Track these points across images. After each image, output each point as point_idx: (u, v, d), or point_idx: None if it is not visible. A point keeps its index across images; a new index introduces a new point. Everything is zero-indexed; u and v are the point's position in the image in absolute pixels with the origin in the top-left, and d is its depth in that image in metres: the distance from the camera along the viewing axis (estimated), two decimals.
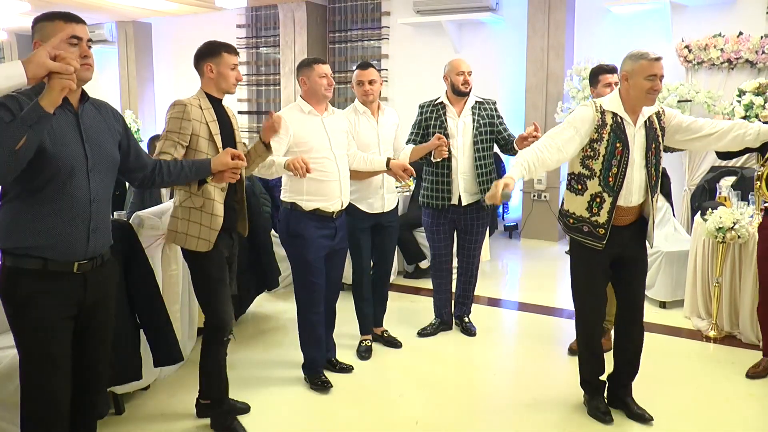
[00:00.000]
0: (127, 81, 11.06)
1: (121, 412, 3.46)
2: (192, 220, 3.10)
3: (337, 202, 3.67)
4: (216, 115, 3.15)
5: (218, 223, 3.09)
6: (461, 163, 4.31)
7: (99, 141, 2.40)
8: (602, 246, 3.21)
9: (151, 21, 11.05)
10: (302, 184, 3.57)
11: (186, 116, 3.02)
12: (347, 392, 3.78)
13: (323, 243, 3.67)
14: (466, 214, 4.40)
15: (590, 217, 3.22)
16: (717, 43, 6.18)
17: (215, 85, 3.16)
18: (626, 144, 3.13)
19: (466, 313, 4.74)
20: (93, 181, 2.35)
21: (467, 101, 4.41)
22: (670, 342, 4.49)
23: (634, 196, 3.20)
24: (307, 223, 3.61)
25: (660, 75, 3.10)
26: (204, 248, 3.10)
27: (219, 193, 3.12)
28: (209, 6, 9.29)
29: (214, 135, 3.09)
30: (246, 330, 4.76)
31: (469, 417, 3.51)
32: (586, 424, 3.41)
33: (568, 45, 7.69)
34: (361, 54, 9.44)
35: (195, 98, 3.15)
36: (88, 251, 2.36)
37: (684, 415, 3.51)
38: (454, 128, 4.32)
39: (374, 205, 4.13)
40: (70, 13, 2.37)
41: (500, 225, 7.98)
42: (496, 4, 8.15)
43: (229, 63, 3.15)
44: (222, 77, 3.14)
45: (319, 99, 3.65)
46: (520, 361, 4.31)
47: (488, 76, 8.29)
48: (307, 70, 3.64)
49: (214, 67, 3.13)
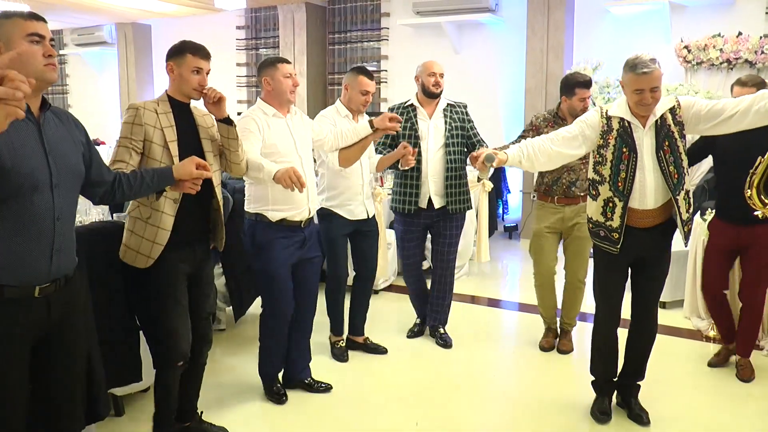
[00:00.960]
0: (126, 83, 11.06)
1: (120, 414, 3.46)
2: (135, 232, 2.87)
3: (305, 210, 3.46)
4: (177, 121, 2.90)
5: (164, 238, 2.83)
6: (431, 166, 4.21)
7: (63, 153, 2.19)
8: (617, 250, 3.22)
9: (151, 23, 11.06)
10: (267, 193, 3.38)
11: (138, 120, 2.80)
12: (342, 396, 3.78)
13: (291, 253, 3.48)
14: (439, 217, 4.30)
15: (605, 221, 3.23)
16: (716, 43, 6.18)
17: (177, 87, 2.94)
18: (633, 148, 3.11)
19: (441, 323, 4.53)
20: (58, 197, 2.15)
21: (438, 103, 4.31)
22: (670, 342, 4.48)
23: (648, 199, 3.15)
24: (274, 234, 3.42)
25: (650, 88, 3.00)
26: (141, 264, 2.85)
27: (170, 205, 2.86)
28: (209, 7, 9.29)
29: (169, 142, 2.84)
30: (245, 331, 4.75)
31: (470, 418, 3.51)
32: (587, 424, 3.41)
33: (568, 46, 7.69)
34: (360, 55, 9.44)
35: (153, 101, 2.93)
36: (51, 273, 2.16)
37: (683, 415, 3.51)
38: (424, 130, 4.23)
39: (355, 212, 4.01)
40: (29, 12, 2.19)
41: (500, 226, 7.98)
42: (496, 5, 8.16)
43: (191, 65, 2.89)
44: (182, 80, 2.90)
45: (282, 101, 3.45)
46: (521, 362, 4.30)
47: (488, 78, 8.31)
48: (271, 69, 3.45)
49: (175, 68, 2.91)
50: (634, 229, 3.19)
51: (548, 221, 4.23)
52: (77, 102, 12.30)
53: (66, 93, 12.49)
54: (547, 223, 4.24)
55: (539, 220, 4.29)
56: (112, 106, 11.46)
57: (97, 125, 11.43)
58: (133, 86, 10.99)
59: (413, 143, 4.14)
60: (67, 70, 12.42)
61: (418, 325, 4.65)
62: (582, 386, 3.66)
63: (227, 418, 3.45)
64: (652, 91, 3.02)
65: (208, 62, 2.98)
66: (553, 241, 4.28)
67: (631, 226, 3.19)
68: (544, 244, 4.27)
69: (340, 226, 4.00)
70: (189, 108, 3.03)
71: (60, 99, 12.51)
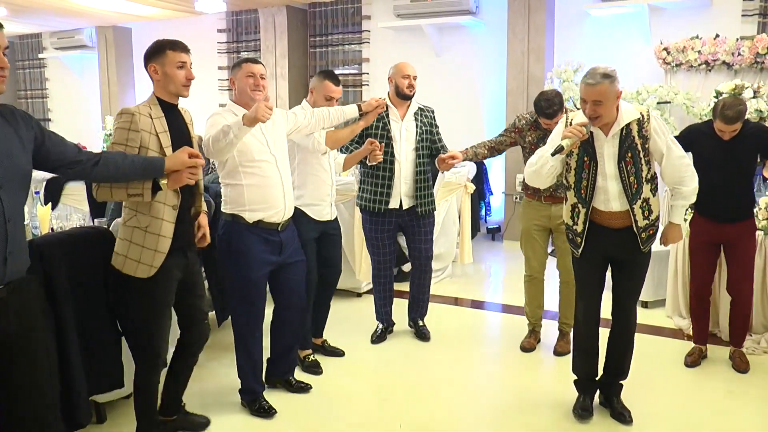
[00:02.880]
0: (107, 86, 10.98)
1: (102, 421, 3.43)
2: (134, 241, 2.83)
3: (281, 211, 3.42)
4: (169, 125, 2.88)
5: (165, 246, 2.84)
6: (404, 168, 4.26)
7: (10, 153, 2.15)
8: (578, 254, 3.35)
9: (131, 26, 10.99)
10: (243, 193, 3.33)
11: (134, 126, 2.75)
12: (324, 398, 3.77)
13: (267, 259, 3.42)
14: (410, 216, 4.34)
15: (572, 225, 3.35)
16: (694, 45, 6.24)
17: (164, 88, 2.89)
18: (593, 157, 3.21)
19: (420, 316, 4.66)
20: (6, 198, 2.11)
21: (410, 106, 4.35)
22: (652, 341, 4.52)
23: (612, 203, 3.24)
24: (251, 238, 3.36)
25: (591, 100, 3.04)
26: (144, 274, 2.83)
27: (169, 212, 2.85)
28: (189, 11, 9.25)
29: (165, 148, 2.81)
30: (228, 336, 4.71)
31: (454, 419, 3.52)
32: (571, 424, 3.43)
33: (548, 48, 7.73)
34: (341, 58, 9.44)
35: (145, 105, 2.87)
36: (5, 276, 2.13)
37: (665, 413, 3.54)
38: (397, 132, 4.26)
39: (322, 213, 3.97)
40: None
41: (483, 227, 8.00)
42: (476, 8, 8.18)
43: (174, 61, 2.85)
44: (168, 78, 2.87)
45: (246, 100, 3.37)
46: (504, 363, 4.32)
47: (469, 80, 8.33)
48: (236, 69, 3.44)
49: (158, 68, 2.86)
50: (603, 229, 3.28)
51: (536, 218, 4.28)
52: (57, 106, 12.19)
53: (46, 97, 12.37)
54: (536, 220, 4.28)
55: (527, 218, 4.33)
56: (93, 110, 11.36)
57: (77, 129, 11.34)
58: (114, 90, 10.91)
59: (386, 143, 4.18)
60: (46, 74, 12.30)
61: (382, 331, 4.61)
62: (565, 386, 3.68)
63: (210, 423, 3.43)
64: (595, 104, 3.05)
65: (189, 55, 2.95)
66: (542, 238, 4.33)
67: (601, 225, 3.28)
68: (533, 241, 4.32)
69: (309, 230, 3.92)
70: (178, 109, 3.01)
71: (40, 103, 12.39)
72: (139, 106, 2.86)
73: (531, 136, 4.21)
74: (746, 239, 4.00)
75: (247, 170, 3.33)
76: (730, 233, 3.94)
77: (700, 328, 4.22)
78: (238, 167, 3.33)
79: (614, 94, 3.07)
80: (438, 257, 6.15)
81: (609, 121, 3.16)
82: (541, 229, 4.31)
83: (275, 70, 9.38)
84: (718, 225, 3.94)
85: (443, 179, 6.12)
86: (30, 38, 12.26)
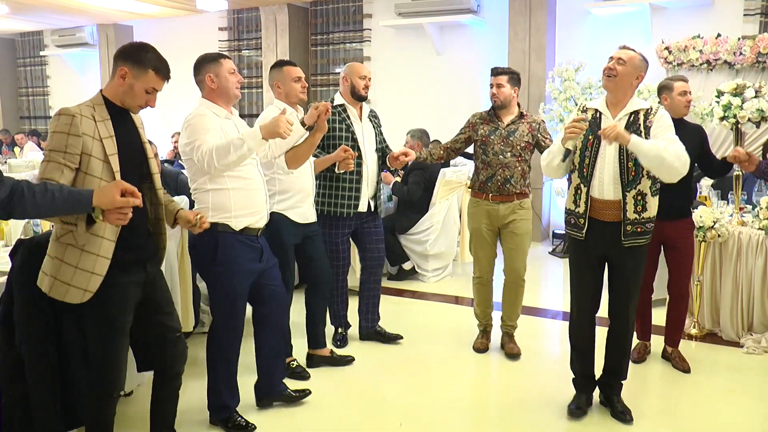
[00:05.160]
0: None
1: None
2: (66, 260, 2.47)
3: (264, 216, 3.28)
4: (116, 129, 2.54)
5: (103, 268, 2.48)
6: (370, 170, 4.17)
7: None
8: (582, 236, 3.32)
9: (133, 24, 10.99)
10: (229, 199, 3.12)
11: (74, 130, 2.41)
12: (321, 402, 3.77)
13: (252, 268, 3.25)
14: (367, 218, 4.27)
15: (575, 209, 3.35)
16: (696, 44, 6.24)
17: (121, 96, 2.57)
18: (597, 136, 3.23)
19: (377, 321, 4.59)
20: None
21: (362, 107, 4.27)
22: (653, 340, 4.51)
23: (606, 188, 3.24)
24: (238, 247, 3.16)
25: (617, 57, 3.23)
26: (75, 299, 2.49)
27: (111, 229, 2.49)
28: (190, 8, 9.25)
29: (110, 155, 2.47)
30: None
31: (454, 418, 3.52)
32: (573, 424, 3.43)
33: (549, 47, 7.73)
34: (343, 56, 9.44)
35: (88, 105, 2.52)
36: None
37: (666, 412, 3.54)
38: (360, 134, 4.16)
39: (306, 214, 3.85)
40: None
41: None
42: (477, 7, 8.19)
43: (149, 83, 2.56)
44: (131, 93, 2.56)
45: (229, 99, 3.19)
46: (505, 362, 4.31)
47: (469, 78, 8.32)
48: (215, 65, 3.17)
49: (129, 77, 2.55)
50: (596, 222, 3.28)
51: (483, 219, 4.24)
52: (58, 104, 12.14)
53: (47, 94, 12.38)
54: (483, 220, 4.24)
55: (474, 219, 4.29)
56: None
57: None
58: None
59: (351, 146, 4.05)
60: (48, 71, 12.31)
61: (343, 335, 4.53)
62: (567, 385, 3.67)
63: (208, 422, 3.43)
64: (618, 62, 3.23)
65: (165, 84, 2.65)
66: (491, 239, 4.30)
67: (594, 218, 3.28)
68: (482, 242, 4.29)
69: (291, 235, 3.79)
70: (128, 115, 2.67)
71: (41, 101, 12.40)
72: (81, 106, 2.50)
73: (483, 129, 4.21)
74: (685, 238, 4.03)
75: (233, 173, 3.12)
76: (670, 232, 3.92)
77: (642, 323, 4.23)
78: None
79: (637, 69, 3.22)
80: (439, 256, 6.16)
81: (619, 95, 3.24)
82: (489, 229, 4.25)
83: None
84: (660, 223, 3.89)
85: (444, 178, 6.13)
86: (31, 36, 12.27)
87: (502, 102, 4.18)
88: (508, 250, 4.28)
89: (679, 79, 4.05)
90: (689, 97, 3.98)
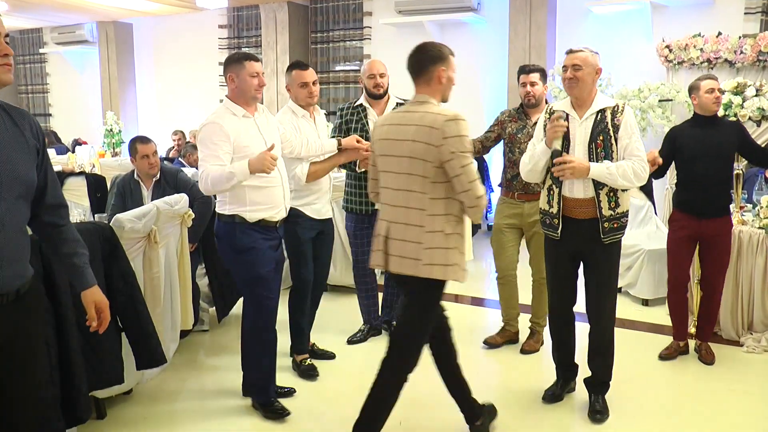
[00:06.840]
0: (108, 82, 10.95)
1: (102, 417, 3.43)
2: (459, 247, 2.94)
3: (282, 209, 3.44)
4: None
5: None
6: None
7: (10, 157, 1.99)
8: (557, 235, 3.37)
9: (132, 21, 10.96)
10: (245, 194, 3.29)
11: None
12: (321, 398, 3.76)
13: (272, 255, 3.42)
14: None
15: (549, 209, 3.41)
16: (696, 43, 6.22)
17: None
18: (566, 137, 3.29)
19: (394, 318, 4.53)
20: (0, 204, 1.95)
21: (387, 102, 4.27)
22: (653, 339, 4.52)
23: (576, 186, 3.30)
24: (256, 235, 3.33)
25: (572, 65, 3.28)
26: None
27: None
28: (190, 6, 9.24)
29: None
30: (229, 332, 4.73)
31: (454, 417, 3.51)
32: (576, 422, 3.43)
33: (550, 45, 7.71)
34: (343, 54, 9.43)
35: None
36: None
37: (665, 411, 3.55)
38: None
39: (321, 211, 3.96)
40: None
41: (483, 225, 8.00)
42: (478, 5, 8.17)
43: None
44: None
45: (248, 100, 3.33)
46: (505, 360, 4.31)
47: (470, 77, 8.31)
48: (237, 66, 3.31)
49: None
50: (569, 220, 3.33)
51: (507, 217, 4.27)
52: (58, 101, 12.18)
53: (47, 92, 12.36)
54: (506, 218, 4.28)
55: (498, 215, 4.34)
56: (93, 106, 11.33)
57: (78, 125, 11.34)
58: (115, 85, 10.88)
59: None
60: (47, 68, 12.29)
61: (363, 332, 4.58)
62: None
63: (209, 420, 3.43)
64: (574, 68, 3.27)
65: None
66: (513, 237, 4.32)
67: (567, 216, 3.34)
68: (503, 240, 4.31)
69: (307, 229, 3.91)
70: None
71: (40, 98, 12.38)
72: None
73: (511, 126, 4.25)
74: (723, 236, 4.08)
75: None
76: (709, 229, 4.01)
77: (678, 322, 4.25)
78: None
79: (593, 66, 3.27)
80: None
81: (584, 96, 3.29)
82: (512, 227, 4.30)
83: (276, 66, 9.36)
84: (697, 220, 4.00)
85: None
86: (31, 33, 12.25)
87: (537, 100, 4.19)
88: (533, 249, 4.29)
89: (706, 77, 4.08)
90: (717, 94, 3.99)
